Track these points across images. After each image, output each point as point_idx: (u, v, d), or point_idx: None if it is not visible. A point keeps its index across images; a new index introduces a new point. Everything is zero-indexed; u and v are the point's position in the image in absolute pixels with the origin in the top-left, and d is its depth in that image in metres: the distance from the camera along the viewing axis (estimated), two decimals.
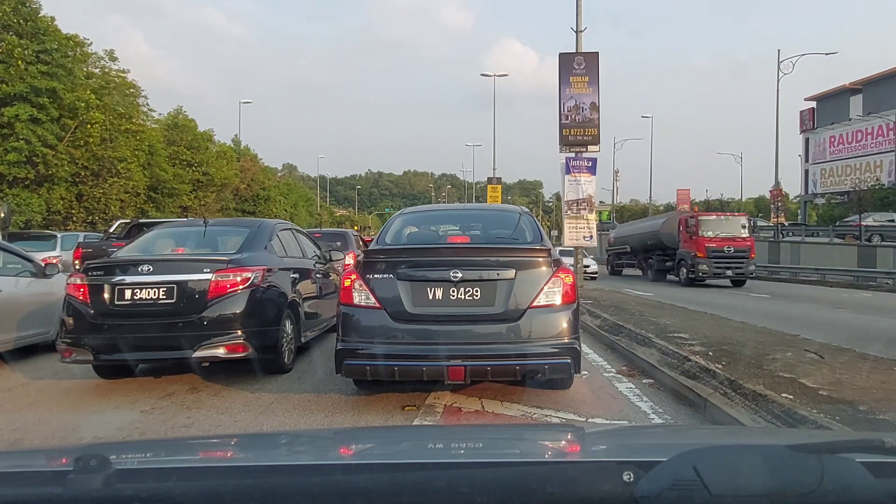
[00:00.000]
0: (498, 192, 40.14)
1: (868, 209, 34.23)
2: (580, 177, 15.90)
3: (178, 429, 4.27)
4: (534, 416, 4.48)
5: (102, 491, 0.99)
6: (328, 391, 5.17)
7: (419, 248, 5.01)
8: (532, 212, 6.00)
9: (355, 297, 4.47)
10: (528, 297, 4.37)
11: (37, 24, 21.97)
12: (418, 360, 4.28)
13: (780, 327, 8.45)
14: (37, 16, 22.19)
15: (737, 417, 4.02)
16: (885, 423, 3.71)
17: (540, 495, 1.02)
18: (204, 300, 5.24)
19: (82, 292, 5.28)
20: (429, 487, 1.05)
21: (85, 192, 24.46)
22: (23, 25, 21.57)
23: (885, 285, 22.63)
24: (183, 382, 5.52)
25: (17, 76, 20.88)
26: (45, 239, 15.04)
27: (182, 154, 33.71)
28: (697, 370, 5.18)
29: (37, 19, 22.08)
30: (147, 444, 2.40)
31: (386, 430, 3.03)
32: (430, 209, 7.48)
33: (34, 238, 15.46)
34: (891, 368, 5.39)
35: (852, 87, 45.16)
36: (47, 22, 22.49)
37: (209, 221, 6.97)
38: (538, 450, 1.65)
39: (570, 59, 16.29)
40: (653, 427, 3.85)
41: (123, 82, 27.54)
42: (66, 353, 5.26)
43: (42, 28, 22.10)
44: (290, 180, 64.46)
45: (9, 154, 20.50)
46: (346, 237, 13.14)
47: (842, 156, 45.32)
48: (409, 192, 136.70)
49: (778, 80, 36.91)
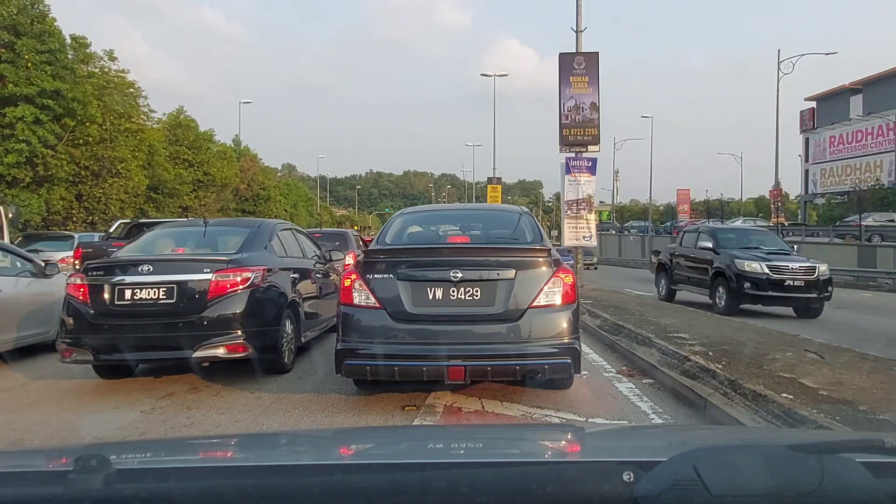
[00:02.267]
0: (498, 192, 40.13)
1: (868, 209, 34.21)
2: (580, 177, 15.89)
3: (178, 429, 4.27)
4: (534, 416, 4.48)
5: (102, 491, 0.99)
6: (328, 391, 5.17)
7: (419, 248, 5.01)
8: (532, 212, 5.99)
9: (355, 297, 4.47)
10: (528, 297, 4.37)
11: (44, 26, 21.97)
12: (418, 360, 4.28)
13: (780, 327, 8.45)
14: (45, 18, 22.19)
15: (737, 417, 4.02)
16: (885, 423, 3.71)
17: (540, 495, 1.02)
18: (204, 300, 5.24)
19: (82, 292, 5.28)
20: (429, 487, 1.05)
21: (85, 192, 24.48)
22: (28, 26, 21.57)
23: (886, 285, 22.62)
24: (183, 382, 5.52)
25: (25, 77, 20.89)
26: (63, 239, 15.11)
27: (183, 154, 33.73)
28: (697, 370, 5.18)
29: (45, 21, 22.08)
30: (147, 444, 2.40)
31: (386, 430, 3.03)
32: (431, 209, 7.48)
33: (52, 238, 15.55)
34: (891, 368, 5.39)
35: (852, 87, 45.13)
36: (51, 23, 22.50)
37: (209, 221, 6.97)
38: (538, 450, 1.65)
39: (570, 59, 16.27)
40: (653, 427, 3.85)
41: (123, 82, 27.54)
42: (66, 353, 5.26)
43: (48, 30, 22.11)
44: (290, 180, 64.47)
45: (9, 155, 20.51)
46: (346, 237, 13.14)
47: (842, 156, 45.30)
48: (409, 192, 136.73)
49: (778, 79, 36.99)
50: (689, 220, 54.18)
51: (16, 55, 21.08)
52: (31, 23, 21.67)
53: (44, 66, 21.35)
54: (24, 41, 21.13)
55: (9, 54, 21.06)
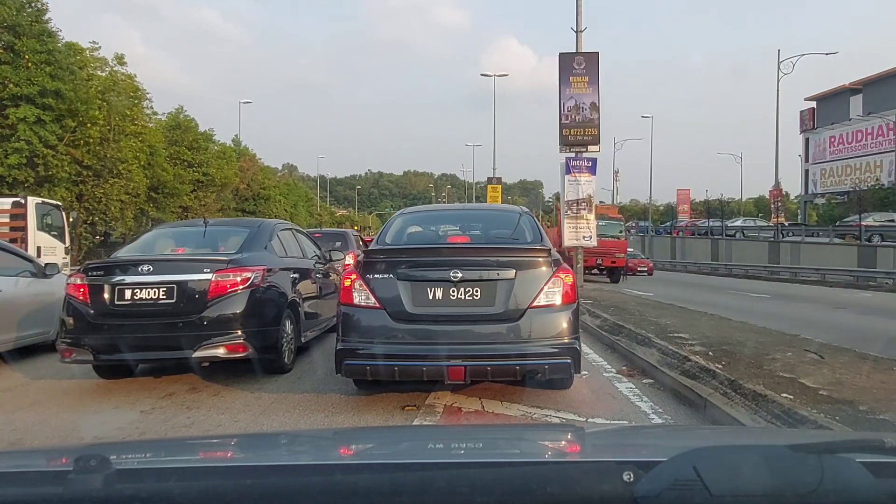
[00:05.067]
0: (498, 192, 40.11)
1: (868, 209, 34.23)
2: (580, 177, 15.90)
3: (178, 429, 4.27)
4: (534, 416, 4.48)
5: (102, 491, 0.99)
6: (328, 391, 5.17)
7: (419, 248, 5.01)
8: (532, 212, 6.00)
9: (355, 297, 4.47)
10: (528, 297, 4.37)
11: (42, 25, 21.95)
12: (418, 360, 4.28)
13: (780, 327, 8.44)
14: (42, 17, 22.17)
15: (737, 417, 4.02)
16: (885, 423, 3.71)
17: (540, 495, 1.02)
18: (204, 300, 5.24)
19: (82, 292, 5.28)
20: (429, 487, 1.05)
21: (85, 192, 24.45)
22: (28, 27, 21.56)
23: (885, 285, 22.66)
24: (183, 382, 5.52)
25: (26, 78, 20.88)
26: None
27: (183, 154, 33.69)
28: (697, 370, 5.18)
29: (42, 21, 22.06)
30: (147, 444, 2.40)
31: (386, 430, 3.03)
32: (431, 209, 7.48)
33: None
34: (891, 368, 5.39)
35: (852, 87, 45.15)
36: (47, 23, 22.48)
37: (209, 221, 6.97)
38: (538, 450, 1.65)
39: (570, 59, 16.29)
40: (653, 427, 3.85)
41: (129, 86, 27.51)
42: (66, 353, 5.26)
43: (47, 31, 22.10)
44: (290, 180, 64.37)
45: (10, 156, 20.50)
46: (346, 237, 13.13)
47: (842, 156, 45.31)
48: (409, 192, 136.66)
49: (778, 80, 37.05)
50: (690, 221, 54.22)
51: (16, 55, 21.07)
52: (31, 23, 21.65)
53: (43, 67, 21.35)
54: (24, 41, 21.12)
55: (7, 55, 21.05)
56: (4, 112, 20.92)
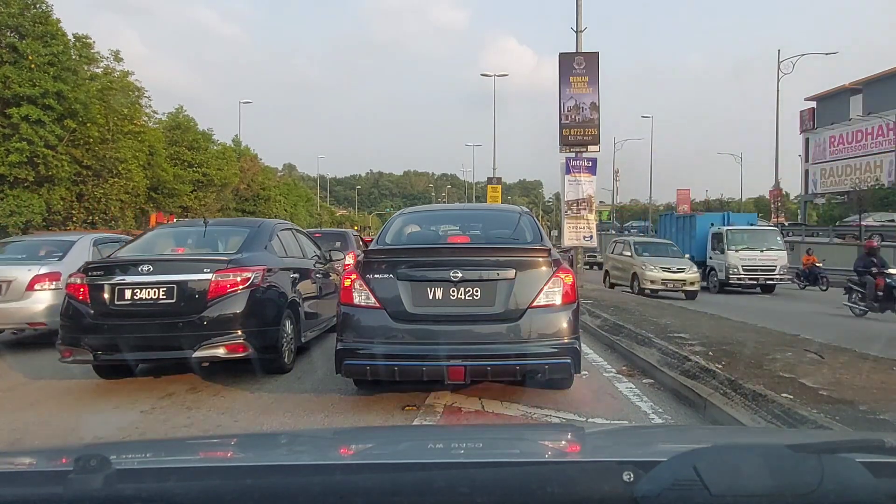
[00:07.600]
0: (498, 192, 40.09)
1: (868, 209, 34.22)
2: (580, 177, 15.92)
3: (178, 429, 4.27)
4: (534, 416, 4.48)
5: (102, 491, 0.99)
6: (328, 391, 5.17)
7: (419, 248, 5.00)
8: (532, 212, 5.99)
9: (355, 297, 4.47)
10: (528, 297, 4.37)
11: (47, 27, 21.93)
12: (418, 360, 4.28)
13: (780, 327, 8.44)
14: (47, 19, 22.14)
15: (737, 417, 4.02)
16: (885, 423, 3.71)
17: (540, 495, 1.02)
18: (204, 300, 5.23)
19: (82, 292, 5.28)
20: (429, 487, 1.05)
21: (85, 192, 24.45)
22: (31, 28, 21.54)
23: None
24: (183, 382, 5.52)
25: (28, 79, 20.87)
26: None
27: (183, 154, 33.69)
28: (697, 370, 5.18)
29: (48, 22, 22.03)
30: (147, 444, 2.40)
31: (386, 430, 3.03)
32: (431, 209, 7.47)
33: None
34: (891, 368, 5.40)
35: (852, 87, 45.11)
36: (55, 24, 22.46)
37: (209, 221, 6.97)
38: (538, 450, 1.65)
39: (570, 59, 16.30)
40: (653, 427, 3.84)
41: (127, 84, 27.51)
42: (66, 353, 5.26)
43: (51, 31, 22.07)
44: (290, 180, 64.37)
45: (10, 155, 20.50)
46: (346, 237, 13.14)
47: (842, 156, 45.28)
48: (409, 192, 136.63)
49: (778, 80, 37.05)
50: None
51: (19, 56, 21.05)
52: (34, 24, 21.63)
53: (46, 68, 21.34)
54: (27, 43, 21.11)
55: (10, 56, 21.04)
56: (6, 111, 20.91)
